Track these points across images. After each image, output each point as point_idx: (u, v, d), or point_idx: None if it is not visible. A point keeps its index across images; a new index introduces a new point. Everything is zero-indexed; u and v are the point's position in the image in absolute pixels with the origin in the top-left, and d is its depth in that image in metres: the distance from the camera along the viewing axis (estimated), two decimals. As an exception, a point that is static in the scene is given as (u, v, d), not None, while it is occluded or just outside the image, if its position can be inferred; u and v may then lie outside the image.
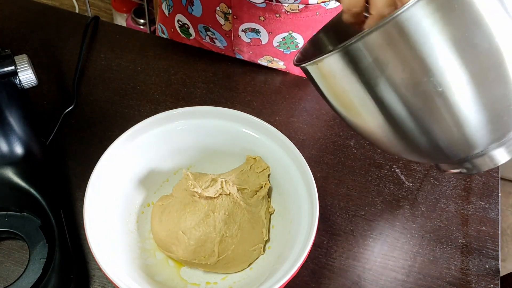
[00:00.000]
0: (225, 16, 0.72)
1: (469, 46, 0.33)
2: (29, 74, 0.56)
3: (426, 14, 0.32)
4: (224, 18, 0.72)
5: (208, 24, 0.76)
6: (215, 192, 0.55)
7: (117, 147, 0.55)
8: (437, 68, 0.33)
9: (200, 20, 0.76)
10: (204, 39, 0.79)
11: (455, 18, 0.32)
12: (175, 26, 0.81)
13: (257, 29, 0.72)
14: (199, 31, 0.78)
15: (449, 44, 0.33)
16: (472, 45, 0.33)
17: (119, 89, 0.73)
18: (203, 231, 0.54)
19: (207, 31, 0.77)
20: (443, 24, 0.32)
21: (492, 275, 0.60)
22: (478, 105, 0.35)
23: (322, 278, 0.59)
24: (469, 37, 0.33)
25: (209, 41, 0.79)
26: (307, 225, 0.52)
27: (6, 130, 0.56)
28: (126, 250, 0.54)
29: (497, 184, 0.68)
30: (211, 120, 0.59)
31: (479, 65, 0.33)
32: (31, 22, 0.80)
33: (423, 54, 0.33)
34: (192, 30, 0.79)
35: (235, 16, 0.71)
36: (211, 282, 0.56)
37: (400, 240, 0.62)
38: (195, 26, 0.78)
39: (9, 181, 0.56)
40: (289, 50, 0.76)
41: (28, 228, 0.55)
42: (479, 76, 0.34)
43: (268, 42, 0.74)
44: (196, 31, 0.79)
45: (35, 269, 0.52)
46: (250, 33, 0.73)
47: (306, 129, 0.72)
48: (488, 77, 0.34)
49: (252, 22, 0.71)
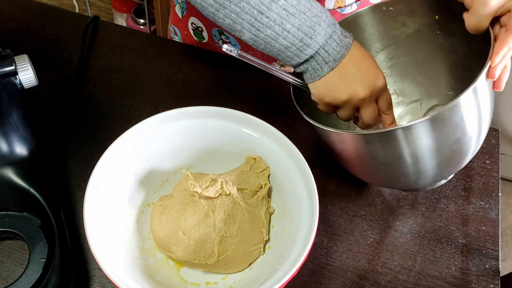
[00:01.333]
0: None
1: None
2: (29, 74, 0.56)
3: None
4: None
5: (222, 28, 0.75)
6: (215, 192, 0.55)
7: (117, 147, 0.55)
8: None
9: (215, 24, 0.75)
10: (217, 43, 0.79)
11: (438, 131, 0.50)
12: (189, 28, 0.80)
13: None
14: (213, 35, 0.78)
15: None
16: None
17: (119, 89, 0.73)
18: (203, 231, 0.54)
19: (221, 35, 0.77)
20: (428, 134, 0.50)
21: (492, 275, 0.60)
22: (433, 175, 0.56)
23: (322, 278, 0.59)
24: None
25: (222, 45, 0.79)
26: (307, 225, 0.52)
27: (6, 130, 0.56)
28: (126, 250, 0.54)
29: (497, 184, 0.68)
30: (211, 120, 0.59)
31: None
32: (31, 22, 0.80)
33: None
34: (206, 33, 0.78)
35: None
36: (211, 282, 0.56)
37: (400, 240, 0.62)
38: (209, 29, 0.77)
39: (9, 181, 0.56)
40: None
41: (28, 228, 0.55)
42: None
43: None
44: (210, 35, 0.78)
45: (35, 269, 0.52)
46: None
47: (307, 129, 0.72)
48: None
49: None
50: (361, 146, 0.53)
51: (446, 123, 0.49)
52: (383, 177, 0.58)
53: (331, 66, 0.52)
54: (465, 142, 0.52)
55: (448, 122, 0.49)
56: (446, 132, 0.50)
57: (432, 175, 0.55)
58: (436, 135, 0.49)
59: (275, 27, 0.50)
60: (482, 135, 0.54)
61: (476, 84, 0.47)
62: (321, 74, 0.53)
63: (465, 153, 0.54)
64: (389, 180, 0.59)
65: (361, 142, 0.52)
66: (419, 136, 0.49)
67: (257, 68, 0.80)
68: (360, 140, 0.52)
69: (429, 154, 0.51)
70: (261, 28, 0.50)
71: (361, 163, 0.56)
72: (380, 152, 0.52)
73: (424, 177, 0.55)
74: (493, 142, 0.72)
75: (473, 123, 0.51)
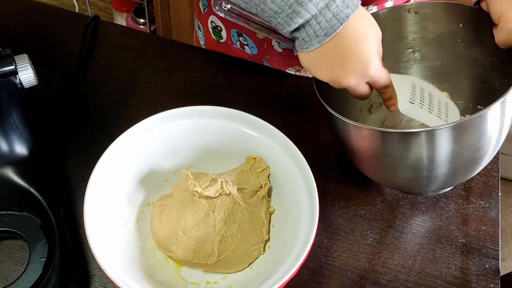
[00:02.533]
0: None
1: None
2: (29, 73, 0.56)
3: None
4: None
5: (242, 30, 0.75)
6: (215, 191, 0.55)
7: (117, 147, 0.55)
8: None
9: (234, 24, 0.75)
10: (234, 44, 0.78)
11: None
12: (208, 27, 0.80)
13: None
14: (231, 35, 0.77)
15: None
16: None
17: (119, 89, 0.73)
18: (203, 231, 0.54)
19: (240, 37, 0.76)
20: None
21: (492, 275, 0.60)
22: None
23: (322, 277, 0.59)
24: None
25: (239, 47, 0.78)
26: (307, 225, 0.52)
27: (6, 130, 0.56)
28: (126, 249, 0.54)
29: (497, 184, 0.68)
30: (211, 120, 0.59)
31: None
32: (31, 22, 0.80)
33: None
34: (224, 33, 0.78)
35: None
36: (211, 281, 0.56)
37: (400, 240, 0.62)
38: (228, 29, 0.77)
39: (9, 180, 0.56)
40: None
41: (28, 227, 0.55)
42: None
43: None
44: (228, 35, 0.78)
45: (35, 269, 0.52)
46: (283, 44, 0.73)
47: (307, 128, 0.72)
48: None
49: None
50: (379, 143, 0.52)
51: (469, 131, 0.49)
52: (393, 177, 0.58)
53: (320, 41, 0.48)
54: (482, 152, 0.53)
55: (471, 131, 0.49)
56: (467, 141, 0.50)
57: (443, 181, 0.55)
58: (455, 142, 0.49)
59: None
60: (499, 145, 0.55)
61: (506, 97, 0.48)
62: (309, 47, 0.49)
63: (479, 162, 0.54)
64: (398, 181, 0.58)
65: (379, 139, 0.52)
66: (441, 142, 0.49)
67: (257, 68, 0.80)
68: (378, 137, 0.52)
69: (446, 160, 0.51)
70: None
71: (374, 160, 0.56)
72: (397, 152, 0.52)
73: (435, 182, 0.55)
74: (493, 141, 0.72)
75: (494, 134, 0.51)
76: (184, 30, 1.71)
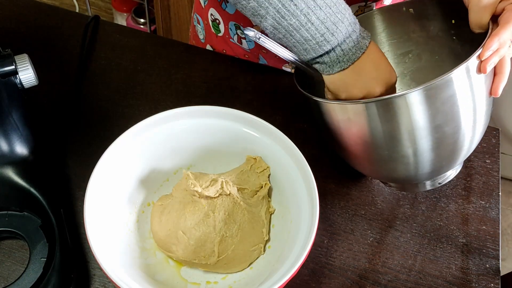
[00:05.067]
0: None
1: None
2: (30, 73, 0.56)
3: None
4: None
5: (240, 23, 0.75)
6: (215, 192, 0.55)
7: (117, 147, 0.55)
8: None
9: (232, 17, 0.75)
10: (232, 38, 0.78)
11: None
12: (208, 19, 0.80)
13: None
14: (229, 29, 0.77)
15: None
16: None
17: (119, 89, 0.73)
18: (203, 231, 0.54)
19: (237, 30, 0.76)
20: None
21: (492, 275, 0.60)
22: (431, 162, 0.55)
23: (323, 277, 0.59)
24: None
25: (237, 41, 0.78)
26: (308, 225, 0.52)
27: (7, 130, 0.56)
28: (127, 249, 0.54)
29: (497, 183, 0.68)
30: (211, 120, 0.59)
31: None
32: (31, 22, 0.80)
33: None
34: (222, 26, 0.78)
35: None
36: (211, 281, 0.56)
37: (400, 240, 0.62)
38: (226, 22, 0.77)
39: (9, 180, 0.56)
40: None
41: (28, 227, 0.55)
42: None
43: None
44: (226, 28, 0.78)
45: (36, 269, 0.52)
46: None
47: (307, 128, 0.72)
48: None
49: None
50: (362, 116, 0.52)
51: (439, 96, 0.49)
52: (382, 163, 0.57)
53: (342, 66, 0.52)
54: (459, 128, 0.52)
55: (441, 96, 0.49)
56: (438, 107, 0.49)
57: (430, 160, 0.54)
58: (429, 108, 0.49)
59: (301, 17, 0.49)
60: (478, 127, 0.54)
61: (468, 63, 0.48)
62: (331, 71, 0.52)
63: (460, 142, 0.54)
64: (389, 167, 0.57)
65: (361, 111, 0.51)
66: (414, 109, 0.49)
67: (257, 68, 0.80)
68: (360, 109, 0.51)
69: (424, 132, 0.51)
70: (286, 16, 0.49)
71: (361, 143, 0.55)
72: (378, 126, 0.51)
73: (422, 164, 0.54)
74: (493, 141, 0.72)
75: (467, 109, 0.51)
76: (184, 30, 1.71)
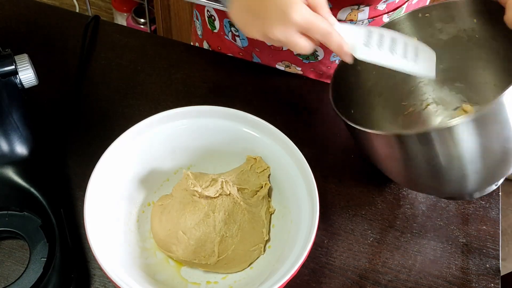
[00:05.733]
0: None
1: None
2: (30, 73, 0.56)
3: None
4: None
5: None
6: (215, 192, 0.55)
7: (117, 147, 0.55)
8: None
9: (227, 14, 0.75)
10: (226, 35, 0.78)
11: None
12: (205, 15, 0.80)
13: None
14: (224, 25, 0.77)
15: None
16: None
17: (119, 89, 0.73)
18: (203, 231, 0.54)
19: (231, 27, 0.76)
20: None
21: (493, 275, 0.60)
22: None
23: (323, 277, 0.59)
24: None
25: (231, 38, 0.78)
26: (308, 225, 0.52)
27: (7, 130, 0.56)
28: (127, 249, 0.54)
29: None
30: (212, 120, 0.59)
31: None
32: (31, 22, 0.80)
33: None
34: (218, 23, 0.78)
35: None
36: (211, 281, 0.56)
37: (401, 239, 0.62)
38: (221, 19, 0.77)
39: (9, 180, 0.56)
40: (308, 60, 0.75)
41: (28, 227, 0.55)
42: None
43: (289, 49, 0.73)
44: (221, 25, 0.78)
45: (36, 269, 0.52)
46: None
47: (307, 128, 0.72)
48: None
49: None
50: (398, 147, 0.50)
51: (489, 122, 0.46)
52: (423, 184, 0.56)
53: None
54: (509, 147, 0.49)
55: (491, 121, 0.46)
56: (491, 132, 0.47)
57: (479, 179, 0.52)
58: (481, 135, 0.46)
59: None
60: None
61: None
62: (226, 5, 0.46)
63: (510, 159, 0.51)
64: (429, 186, 0.56)
65: (396, 143, 0.49)
66: (461, 138, 0.46)
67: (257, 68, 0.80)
68: (395, 141, 0.49)
69: (476, 156, 0.48)
70: None
71: (398, 166, 0.53)
72: (421, 154, 0.49)
73: (468, 184, 0.52)
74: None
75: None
76: (184, 30, 1.71)
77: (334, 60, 0.75)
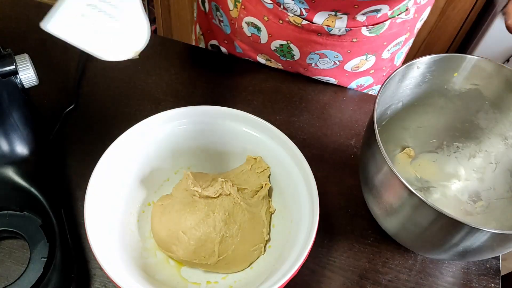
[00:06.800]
0: (235, 2, 0.72)
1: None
2: (30, 73, 0.56)
3: None
4: (233, 4, 0.72)
5: (219, 4, 0.75)
6: (215, 192, 0.55)
7: (117, 147, 0.55)
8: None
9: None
10: (214, 19, 0.79)
11: None
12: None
13: (259, 27, 0.72)
14: (211, 8, 0.78)
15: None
16: None
17: (119, 89, 0.73)
18: (203, 231, 0.54)
19: (217, 11, 0.77)
20: None
21: (493, 274, 0.60)
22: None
23: (323, 277, 0.59)
24: None
25: (218, 23, 0.79)
26: (308, 225, 0.52)
27: (7, 130, 0.56)
28: (127, 249, 0.54)
29: (497, 184, 0.68)
30: (212, 120, 0.59)
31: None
32: (31, 22, 0.80)
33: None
34: (207, 4, 0.79)
35: (243, 6, 0.70)
36: (211, 281, 0.56)
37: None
38: (209, 1, 0.78)
39: (10, 180, 0.56)
40: (285, 58, 0.75)
41: (28, 227, 0.55)
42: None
43: (267, 43, 0.74)
44: (210, 8, 0.78)
45: (36, 268, 0.52)
46: (252, 28, 0.73)
47: (307, 128, 0.72)
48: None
49: (256, 18, 0.70)
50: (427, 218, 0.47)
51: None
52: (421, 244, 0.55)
53: None
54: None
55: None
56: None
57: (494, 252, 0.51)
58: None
59: None
60: None
61: None
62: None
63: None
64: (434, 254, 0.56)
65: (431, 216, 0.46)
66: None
67: (257, 68, 0.80)
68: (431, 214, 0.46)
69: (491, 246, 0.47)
70: None
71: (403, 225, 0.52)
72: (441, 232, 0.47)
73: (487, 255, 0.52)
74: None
75: None
76: (185, 30, 1.71)
77: (311, 63, 0.74)
